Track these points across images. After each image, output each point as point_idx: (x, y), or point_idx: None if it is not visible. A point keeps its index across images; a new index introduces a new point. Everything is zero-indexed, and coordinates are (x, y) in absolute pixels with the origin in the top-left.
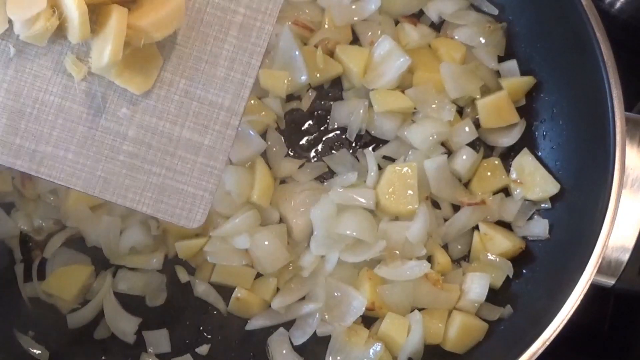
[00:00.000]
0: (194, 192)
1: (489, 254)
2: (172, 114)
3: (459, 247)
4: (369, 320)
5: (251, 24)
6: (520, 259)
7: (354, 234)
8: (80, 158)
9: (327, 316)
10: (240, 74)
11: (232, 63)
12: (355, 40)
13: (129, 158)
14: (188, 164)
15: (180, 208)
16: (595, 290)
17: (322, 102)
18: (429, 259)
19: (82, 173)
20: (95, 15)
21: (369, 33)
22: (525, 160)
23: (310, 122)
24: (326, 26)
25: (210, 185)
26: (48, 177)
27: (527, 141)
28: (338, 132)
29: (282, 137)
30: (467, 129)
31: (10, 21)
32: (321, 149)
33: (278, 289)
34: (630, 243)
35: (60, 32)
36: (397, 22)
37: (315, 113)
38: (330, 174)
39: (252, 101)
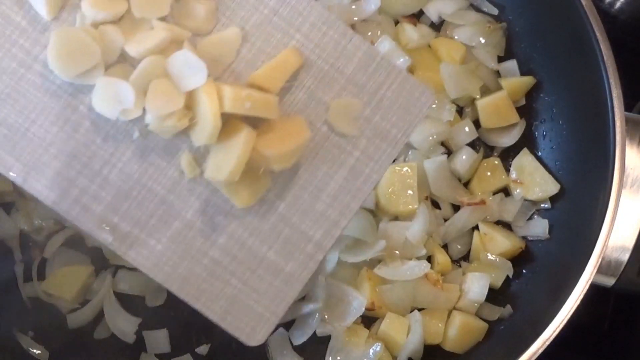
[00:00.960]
0: (262, 312)
1: (489, 254)
2: (263, 233)
3: (459, 247)
4: (369, 320)
5: (361, 169)
6: (520, 259)
7: (354, 234)
8: (168, 252)
9: (327, 316)
10: (338, 214)
11: (333, 201)
12: None
13: (213, 264)
14: (264, 284)
15: (245, 324)
16: (595, 290)
17: None
18: (429, 259)
19: (166, 266)
20: (222, 123)
21: (369, 33)
22: (525, 160)
23: None
24: None
25: (278, 310)
26: (133, 261)
27: (527, 141)
28: None
29: None
30: (467, 129)
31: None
32: None
33: None
34: (630, 243)
35: (185, 129)
36: (397, 22)
37: None
38: None
39: None
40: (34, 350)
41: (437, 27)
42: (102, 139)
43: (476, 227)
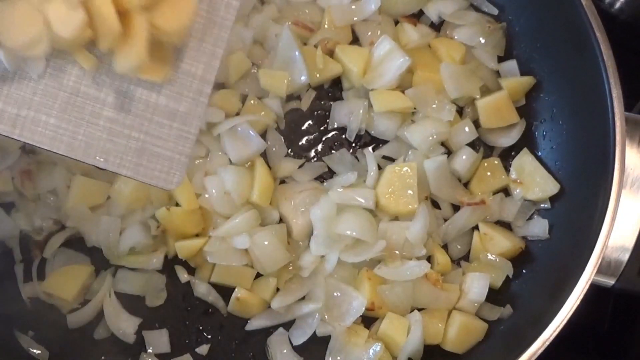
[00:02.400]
0: (171, 155)
1: (488, 254)
2: (148, 81)
3: (459, 247)
4: (368, 320)
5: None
6: (520, 259)
7: (354, 234)
8: (62, 123)
9: (327, 316)
10: (211, 45)
11: (204, 35)
12: (355, 40)
13: (109, 123)
14: (165, 129)
15: (159, 171)
16: (595, 290)
17: (322, 102)
18: (429, 259)
19: (64, 137)
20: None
21: (369, 33)
22: (525, 160)
23: (310, 122)
24: (326, 26)
25: (185, 149)
26: (31, 141)
27: (527, 141)
28: (338, 132)
29: (282, 137)
30: (467, 129)
31: None
32: (321, 149)
33: (278, 289)
34: (630, 243)
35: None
36: (397, 22)
37: (315, 113)
38: (330, 174)
39: (252, 101)
40: (34, 350)
41: (437, 27)
42: None
43: (476, 227)
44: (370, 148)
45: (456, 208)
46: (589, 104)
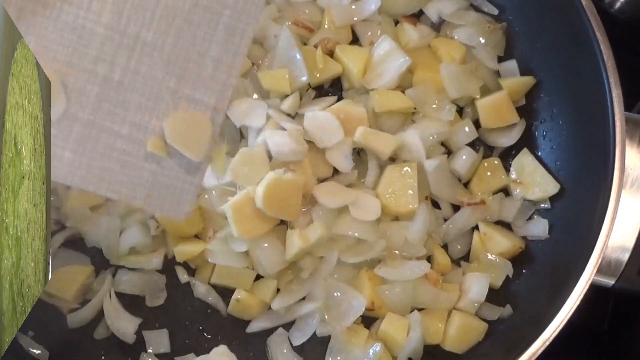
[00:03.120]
0: (182, 186)
1: (488, 254)
2: (161, 112)
3: (459, 247)
4: (368, 320)
5: (235, 26)
6: (520, 259)
7: (355, 234)
8: (77, 156)
9: (327, 316)
10: (225, 74)
11: (218, 63)
12: (355, 40)
13: (123, 155)
14: (176, 159)
15: (170, 201)
16: (595, 290)
17: None
18: (429, 259)
19: (79, 171)
20: None
21: (369, 33)
22: (525, 160)
23: None
24: (326, 26)
25: (196, 179)
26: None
27: (527, 141)
28: None
29: None
30: (467, 129)
31: None
32: None
33: (278, 290)
34: (630, 243)
35: None
36: (397, 22)
37: None
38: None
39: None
40: (34, 350)
41: (437, 27)
42: None
43: (476, 227)
44: None
45: (456, 208)
46: (589, 104)
